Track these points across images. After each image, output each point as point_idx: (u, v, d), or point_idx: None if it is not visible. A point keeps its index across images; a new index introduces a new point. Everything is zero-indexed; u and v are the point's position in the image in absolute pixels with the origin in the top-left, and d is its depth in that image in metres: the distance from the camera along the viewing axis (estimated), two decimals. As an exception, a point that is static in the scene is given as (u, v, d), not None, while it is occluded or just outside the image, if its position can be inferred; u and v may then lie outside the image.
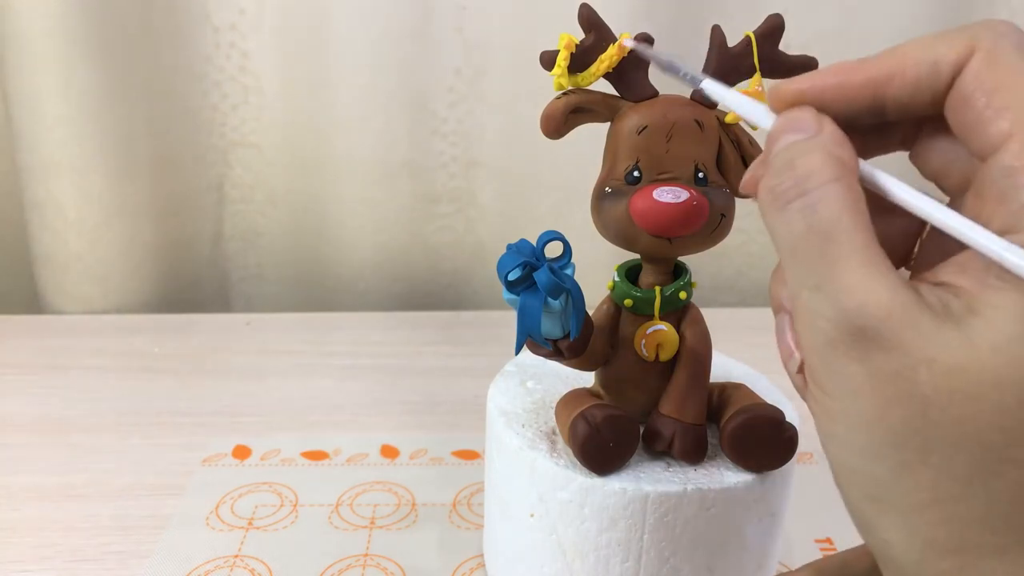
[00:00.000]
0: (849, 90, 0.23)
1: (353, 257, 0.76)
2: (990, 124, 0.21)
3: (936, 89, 0.22)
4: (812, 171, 0.22)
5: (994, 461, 0.19)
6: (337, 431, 0.54)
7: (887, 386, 0.20)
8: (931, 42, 0.22)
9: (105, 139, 0.67)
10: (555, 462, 0.34)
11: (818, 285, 0.21)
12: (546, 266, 0.31)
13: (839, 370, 0.21)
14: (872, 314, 0.20)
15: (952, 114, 0.22)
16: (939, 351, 0.20)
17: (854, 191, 0.22)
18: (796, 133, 0.23)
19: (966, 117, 0.22)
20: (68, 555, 0.43)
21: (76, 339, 0.66)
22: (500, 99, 0.71)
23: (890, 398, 0.20)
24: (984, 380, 0.19)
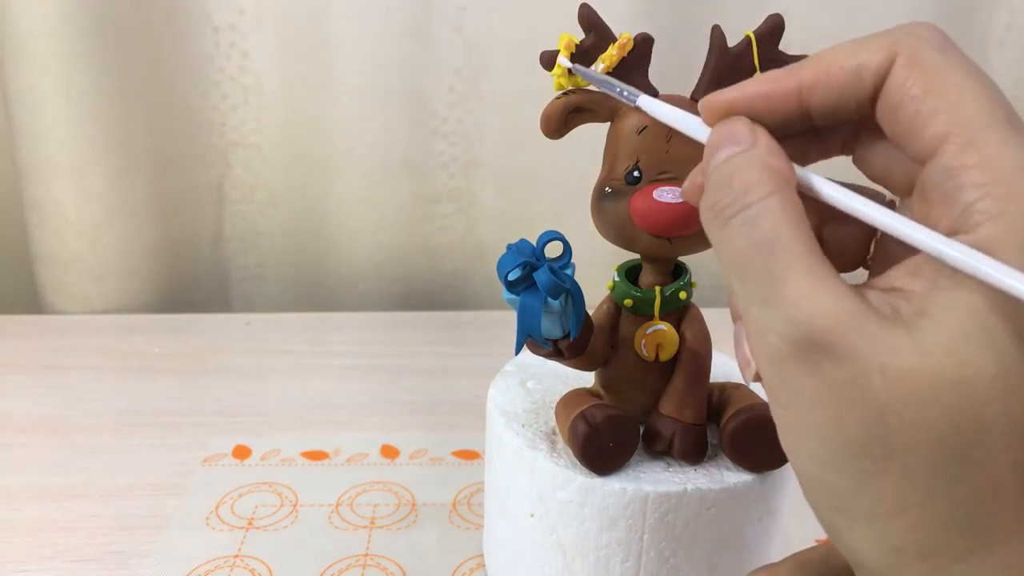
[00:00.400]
0: (776, 99, 0.23)
1: (353, 257, 0.76)
2: (924, 129, 0.21)
3: (860, 96, 0.22)
4: (749, 186, 0.22)
5: (954, 464, 0.19)
6: (337, 431, 0.54)
7: (841, 395, 0.20)
8: (853, 48, 0.22)
9: (105, 139, 0.67)
10: (555, 462, 0.34)
11: (765, 300, 0.21)
12: (546, 266, 0.31)
13: (793, 383, 0.21)
14: (820, 325, 0.20)
15: (884, 122, 0.22)
16: (891, 356, 0.19)
17: (792, 202, 0.22)
18: (732, 145, 0.23)
19: (898, 124, 0.22)
20: (68, 555, 0.43)
21: (76, 339, 0.66)
22: (500, 99, 0.71)
23: (845, 407, 0.20)
24: (938, 382, 0.19)
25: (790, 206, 0.21)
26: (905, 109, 0.21)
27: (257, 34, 0.69)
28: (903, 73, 0.21)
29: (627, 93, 0.29)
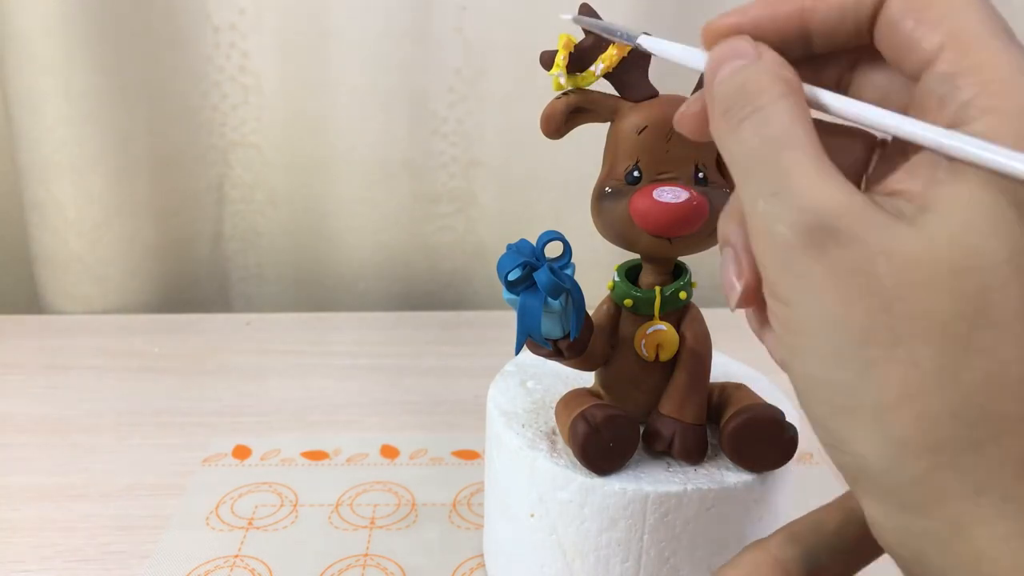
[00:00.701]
0: (778, 20, 0.24)
1: (353, 257, 0.76)
2: (922, 41, 0.21)
3: (860, 16, 0.23)
4: (762, 89, 0.22)
5: (961, 351, 0.19)
6: (337, 431, 0.54)
7: (848, 282, 0.20)
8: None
9: (105, 139, 0.67)
10: (555, 462, 0.34)
11: (774, 192, 0.21)
12: (546, 266, 0.31)
13: (799, 273, 0.21)
14: (829, 210, 0.20)
15: (882, 40, 0.23)
16: (896, 244, 0.19)
17: (802, 107, 0.22)
18: (737, 59, 0.23)
19: (896, 40, 0.22)
20: (68, 555, 0.43)
21: (76, 339, 0.66)
22: (500, 99, 0.71)
23: (852, 294, 0.20)
24: (942, 270, 0.19)
25: (802, 110, 0.22)
26: (904, 24, 0.22)
27: (257, 34, 0.69)
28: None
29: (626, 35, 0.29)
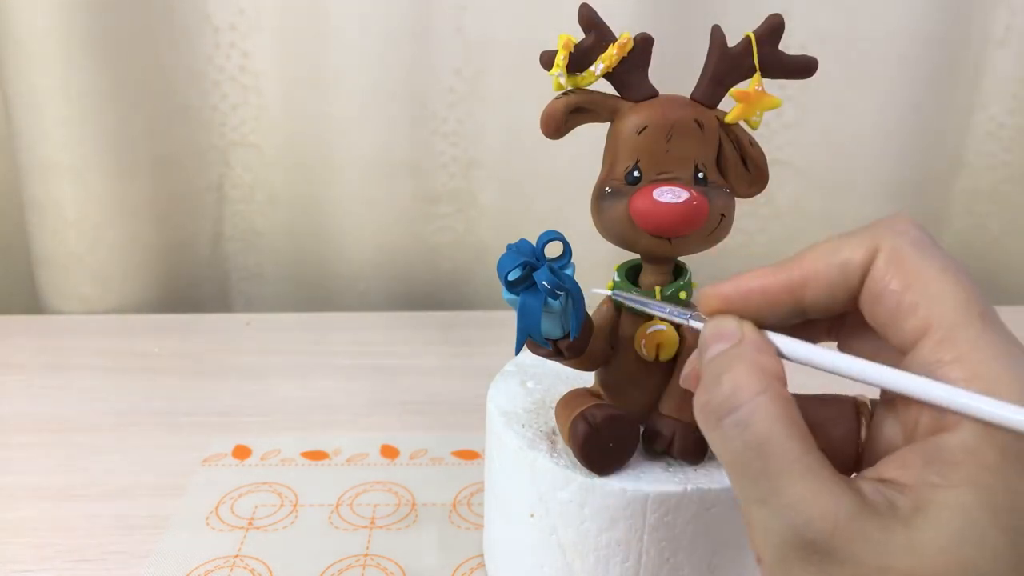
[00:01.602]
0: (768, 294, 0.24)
1: (353, 257, 0.76)
2: (904, 322, 0.22)
3: (849, 289, 0.23)
4: (739, 385, 0.23)
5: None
6: (337, 431, 0.54)
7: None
8: (837, 245, 0.24)
9: (105, 139, 0.67)
10: (555, 462, 0.34)
11: (763, 500, 0.21)
12: (546, 266, 0.31)
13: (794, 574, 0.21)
14: (820, 528, 0.20)
15: (867, 312, 0.23)
16: (890, 559, 0.20)
17: (783, 399, 0.22)
18: (721, 342, 0.24)
19: (880, 315, 0.23)
20: (68, 555, 0.43)
21: (76, 339, 0.66)
22: (500, 99, 0.71)
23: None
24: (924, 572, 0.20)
25: (781, 403, 0.22)
26: (886, 302, 0.22)
27: (257, 34, 0.69)
28: (884, 268, 0.22)
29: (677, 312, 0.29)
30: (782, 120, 0.73)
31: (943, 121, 0.75)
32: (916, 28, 0.71)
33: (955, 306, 0.21)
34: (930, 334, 0.21)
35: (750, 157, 0.33)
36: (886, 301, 0.22)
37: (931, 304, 0.21)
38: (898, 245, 0.23)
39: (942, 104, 0.74)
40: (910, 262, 0.22)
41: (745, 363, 0.23)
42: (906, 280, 0.22)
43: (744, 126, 0.33)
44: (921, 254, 0.22)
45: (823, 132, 0.74)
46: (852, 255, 0.23)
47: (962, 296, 0.21)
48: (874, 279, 0.23)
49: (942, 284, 0.22)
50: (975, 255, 0.81)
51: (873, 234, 0.23)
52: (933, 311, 0.21)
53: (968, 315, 0.21)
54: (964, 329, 0.21)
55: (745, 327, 0.24)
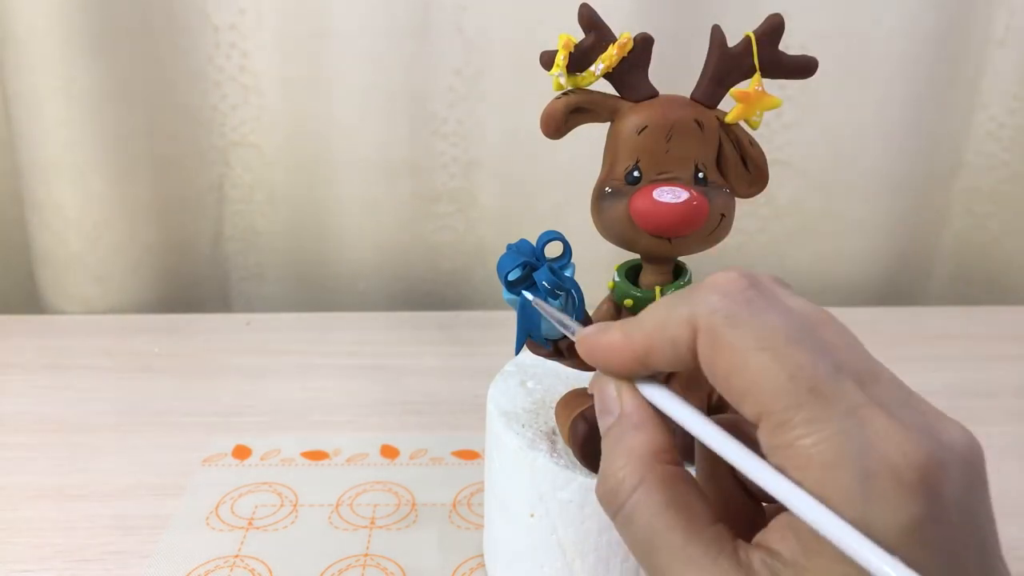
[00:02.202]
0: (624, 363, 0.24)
1: (353, 257, 0.76)
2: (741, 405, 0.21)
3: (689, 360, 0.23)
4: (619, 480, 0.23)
5: None
6: (337, 431, 0.54)
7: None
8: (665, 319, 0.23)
9: (105, 139, 0.67)
10: (555, 462, 0.34)
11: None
12: (546, 266, 0.31)
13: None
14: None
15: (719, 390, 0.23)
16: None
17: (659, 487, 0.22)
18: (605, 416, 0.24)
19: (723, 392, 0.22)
20: (68, 555, 0.43)
21: (76, 339, 0.66)
22: (500, 99, 0.71)
23: None
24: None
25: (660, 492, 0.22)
26: (720, 385, 0.22)
27: (257, 34, 0.69)
28: (706, 353, 0.22)
29: None
30: (782, 120, 0.73)
31: (943, 121, 0.75)
32: (916, 28, 0.71)
33: (778, 389, 0.20)
34: (764, 419, 0.21)
35: (750, 157, 0.33)
36: (719, 384, 0.22)
37: (757, 391, 0.20)
38: (712, 324, 0.22)
39: (942, 104, 0.74)
40: (727, 345, 0.21)
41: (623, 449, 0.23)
42: (727, 366, 0.21)
43: (744, 126, 0.33)
44: (736, 333, 0.21)
45: (823, 132, 0.74)
46: (678, 333, 0.22)
47: (783, 376, 0.20)
48: (702, 361, 0.22)
49: (762, 366, 0.21)
50: (975, 255, 0.81)
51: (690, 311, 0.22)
52: (761, 398, 0.20)
53: (796, 395, 0.20)
54: (793, 412, 0.20)
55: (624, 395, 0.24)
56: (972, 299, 0.82)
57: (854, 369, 0.21)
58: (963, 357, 0.66)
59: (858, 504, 0.19)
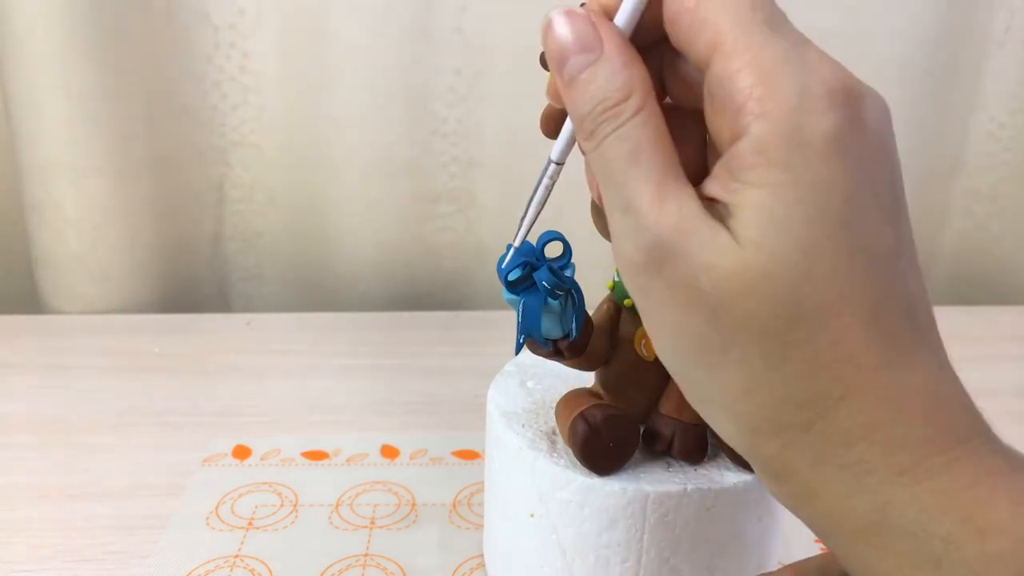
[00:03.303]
0: None
1: (353, 257, 0.76)
2: (697, 39, 0.22)
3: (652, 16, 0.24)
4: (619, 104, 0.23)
5: (779, 347, 0.21)
6: (337, 431, 0.54)
7: (680, 295, 0.22)
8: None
9: (105, 139, 0.67)
10: (555, 462, 0.34)
11: (624, 207, 0.23)
12: (546, 266, 0.31)
13: (645, 287, 0.23)
14: (663, 226, 0.22)
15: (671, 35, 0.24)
16: (715, 257, 0.21)
17: (655, 115, 0.23)
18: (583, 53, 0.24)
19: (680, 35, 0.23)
20: (68, 555, 0.43)
21: (76, 339, 0.66)
22: (500, 99, 0.71)
23: (685, 306, 0.22)
24: (753, 276, 0.21)
25: (654, 120, 0.23)
26: (681, 21, 0.23)
27: (257, 34, 0.69)
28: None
29: None
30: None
31: (943, 121, 0.75)
32: (916, 28, 0.71)
33: (740, 17, 0.22)
34: (720, 49, 0.22)
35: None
36: (682, 19, 0.23)
37: (718, 16, 0.22)
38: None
39: (942, 104, 0.74)
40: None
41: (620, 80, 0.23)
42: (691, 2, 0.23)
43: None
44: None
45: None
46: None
47: (746, 5, 0.22)
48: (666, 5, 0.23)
49: None
50: (975, 255, 0.81)
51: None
52: (720, 23, 0.22)
53: (753, 23, 0.22)
54: (750, 37, 0.22)
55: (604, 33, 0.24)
56: (972, 299, 0.82)
57: None
58: (963, 357, 0.66)
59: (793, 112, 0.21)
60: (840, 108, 0.21)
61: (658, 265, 0.22)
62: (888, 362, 0.21)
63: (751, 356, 0.22)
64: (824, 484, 0.22)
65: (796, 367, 0.22)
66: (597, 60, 0.24)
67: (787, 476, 0.23)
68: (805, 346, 0.21)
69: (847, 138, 0.21)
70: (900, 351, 0.22)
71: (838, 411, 0.21)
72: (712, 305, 0.22)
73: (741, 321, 0.22)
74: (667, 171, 0.23)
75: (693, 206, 0.22)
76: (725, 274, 0.21)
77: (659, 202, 0.22)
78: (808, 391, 0.22)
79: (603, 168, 0.24)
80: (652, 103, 0.23)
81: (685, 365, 0.24)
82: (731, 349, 0.22)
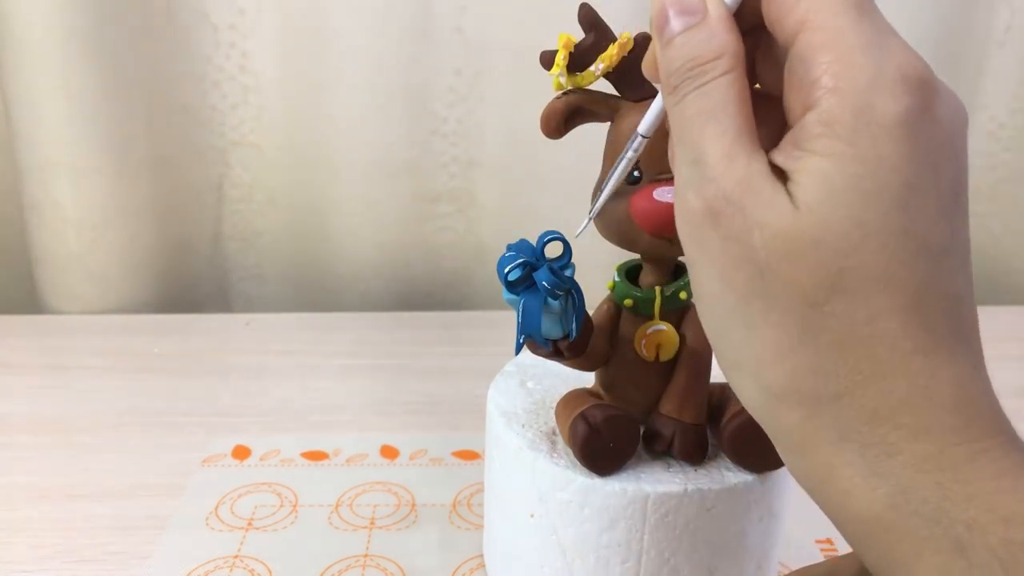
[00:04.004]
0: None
1: (353, 257, 0.76)
2: (788, 16, 0.23)
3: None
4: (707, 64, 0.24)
5: (819, 316, 0.22)
6: (337, 431, 0.54)
7: (731, 249, 0.22)
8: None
9: (105, 139, 0.67)
10: (555, 462, 0.34)
11: (694, 160, 0.23)
12: (546, 266, 0.31)
13: (699, 238, 0.23)
14: (729, 178, 0.22)
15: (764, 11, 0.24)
16: (771, 216, 0.22)
17: (741, 81, 0.24)
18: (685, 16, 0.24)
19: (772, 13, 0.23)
20: (68, 555, 0.43)
21: (76, 339, 0.66)
22: (500, 99, 0.71)
23: (734, 262, 0.22)
24: (803, 241, 0.21)
25: (739, 84, 0.23)
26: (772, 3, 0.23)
27: (257, 34, 0.69)
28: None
29: None
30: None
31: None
32: (916, 28, 0.71)
33: None
34: (806, 25, 0.22)
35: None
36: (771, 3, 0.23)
37: None
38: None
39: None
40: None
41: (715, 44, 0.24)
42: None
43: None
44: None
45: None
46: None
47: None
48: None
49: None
50: (975, 255, 0.81)
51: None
52: (812, 2, 0.22)
53: (843, 5, 0.22)
54: (837, 18, 0.22)
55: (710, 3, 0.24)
56: (972, 299, 0.82)
57: None
58: (963, 357, 0.66)
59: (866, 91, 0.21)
60: (914, 94, 0.21)
61: (716, 217, 0.23)
62: (923, 349, 0.21)
63: (789, 321, 0.22)
64: (845, 462, 0.22)
65: (831, 337, 0.22)
66: (698, 24, 0.24)
67: (808, 450, 0.23)
68: (843, 318, 0.21)
69: (916, 125, 0.21)
70: (937, 342, 0.22)
71: (867, 388, 0.21)
72: (760, 264, 0.22)
73: (785, 284, 0.22)
74: (742, 131, 0.23)
75: (760, 166, 0.22)
76: (777, 233, 0.22)
77: (728, 157, 0.23)
78: (839, 364, 0.22)
79: (681, 122, 0.24)
80: (740, 69, 0.24)
81: (723, 322, 0.24)
82: (771, 311, 0.22)
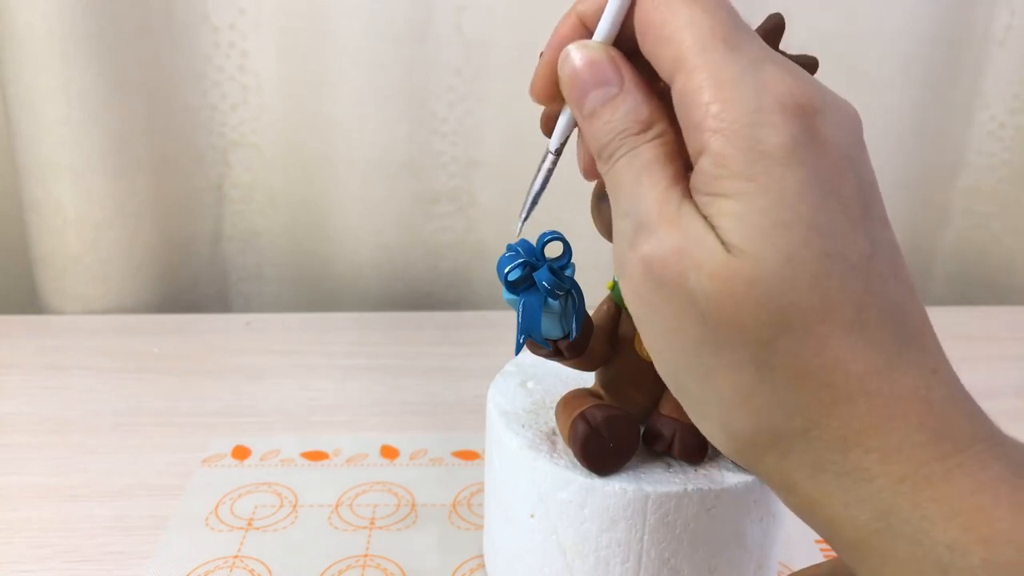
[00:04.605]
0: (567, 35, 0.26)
1: (353, 257, 0.76)
2: (663, 54, 0.23)
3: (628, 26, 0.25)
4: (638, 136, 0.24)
5: (769, 353, 0.22)
6: (337, 431, 0.54)
7: (672, 299, 0.23)
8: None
9: (105, 139, 0.67)
10: (555, 462, 0.34)
11: (627, 211, 0.24)
12: (546, 266, 0.31)
13: (641, 292, 0.24)
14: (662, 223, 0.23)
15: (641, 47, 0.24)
16: (704, 256, 0.22)
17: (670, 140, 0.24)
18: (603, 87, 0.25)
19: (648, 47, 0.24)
20: (68, 555, 0.43)
21: (76, 339, 0.66)
22: (500, 99, 0.71)
23: (676, 311, 0.23)
24: (738, 282, 0.21)
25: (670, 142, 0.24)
26: (649, 37, 0.24)
27: (257, 34, 0.69)
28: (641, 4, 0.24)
29: None
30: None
31: (943, 121, 0.75)
32: (916, 28, 0.71)
33: (699, 36, 0.22)
34: (680, 67, 0.23)
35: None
36: (651, 35, 0.24)
37: (680, 35, 0.23)
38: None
39: (942, 104, 0.74)
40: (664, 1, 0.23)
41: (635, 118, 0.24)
42: (663, 14, 0.23)
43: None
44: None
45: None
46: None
47: (706, 25, 0.23)
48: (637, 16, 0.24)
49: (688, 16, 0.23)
50: (975, 255, 0.81)
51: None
52: (683, 40, 0.23)
53: (712, 41, 0.22)
54: (709, 55, 0.22)
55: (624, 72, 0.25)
56: (972, 299, 0.82)
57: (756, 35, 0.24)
58: (963, 357, 0.66)
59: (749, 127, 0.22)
60: (794, 122, 0.22)
61: (652, 265, 0.23)
62: (875, 368, 0.21)
63: (742, 361, 0.22)
64: (824, 493, 0.22)
65: (785, 374, 0.22)
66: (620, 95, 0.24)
67: (789, 487, 0.23)
68: (792, 352, 0.21)
69: (803, 151, 0.22)
70: (887, 356, 0.22)
71: (830, 418, 0.22)
72: (701, 308, 0.22)
73: (729, 325, 0.22)
74: (675, 182, 0.23)
75: (691, 210, 0.23)
76: (713, 274, 0.22)
77: (660, 204, 0.23)
78: (799, 397, 0.22)
79: (615, 181, 0.25)
80: (670, 131, 0.24)
81: (680, 377, 0.24)
82: (722, 353, 0.22)
